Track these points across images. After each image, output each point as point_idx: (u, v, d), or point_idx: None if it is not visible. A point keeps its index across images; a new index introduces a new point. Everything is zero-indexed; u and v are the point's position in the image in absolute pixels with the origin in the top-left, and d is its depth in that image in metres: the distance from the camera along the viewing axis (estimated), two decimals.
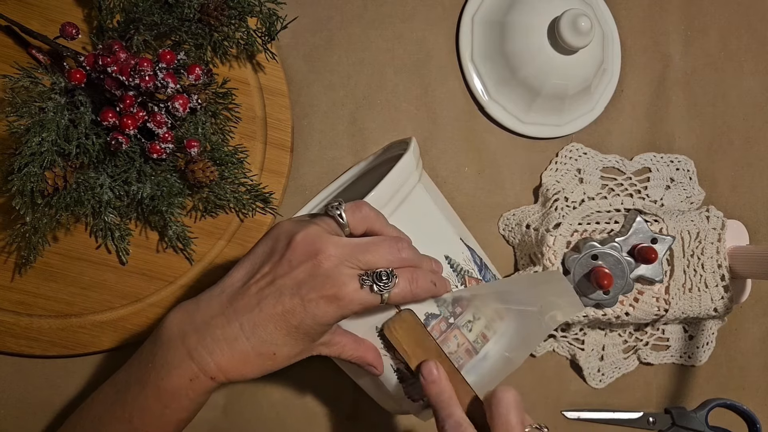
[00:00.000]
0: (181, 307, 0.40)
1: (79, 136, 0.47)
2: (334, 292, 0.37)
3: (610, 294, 0.57)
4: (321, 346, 0.41)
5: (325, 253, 0.37)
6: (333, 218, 0.39)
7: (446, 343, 0.45)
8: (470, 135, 0.62)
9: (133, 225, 0.53)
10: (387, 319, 0.43)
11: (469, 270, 0.47)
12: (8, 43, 0.51)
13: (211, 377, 0.38)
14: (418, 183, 0.45)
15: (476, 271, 0.47)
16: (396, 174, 0.43)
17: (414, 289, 0.39)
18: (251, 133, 0.55)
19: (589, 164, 0.63)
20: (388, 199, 0.43)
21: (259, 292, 0.38)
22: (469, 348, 0.46)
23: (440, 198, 0.49)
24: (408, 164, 0.44)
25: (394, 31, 0.61)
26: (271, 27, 0.52)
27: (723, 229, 0.61)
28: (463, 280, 0.46)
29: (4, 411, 0.53)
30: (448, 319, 0.45)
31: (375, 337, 0.45)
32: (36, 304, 0.52)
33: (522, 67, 0.59)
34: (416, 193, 0.45)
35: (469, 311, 0.45)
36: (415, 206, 0.45)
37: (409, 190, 0.44)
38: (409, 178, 0.44)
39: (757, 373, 0.68)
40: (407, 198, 0.44)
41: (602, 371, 0.63)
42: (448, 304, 0.45)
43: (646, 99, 0.66)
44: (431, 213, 0.46)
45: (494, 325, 0.47)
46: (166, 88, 0.47)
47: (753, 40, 0.70)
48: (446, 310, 0.45)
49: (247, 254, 0.40)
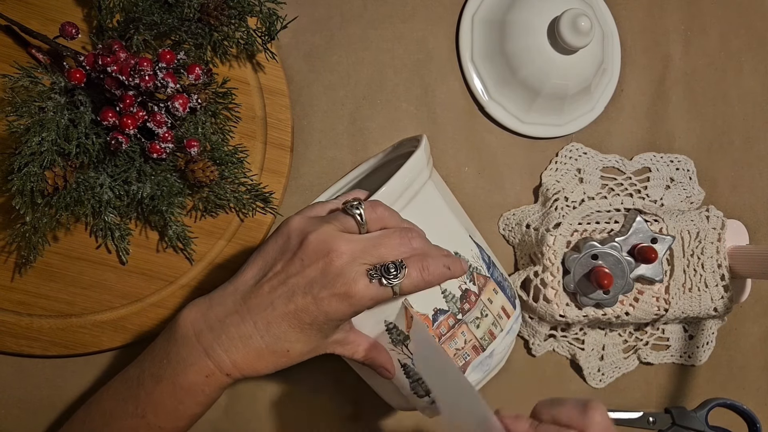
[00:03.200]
0: (194, 304, 0.40)
1: (79, 136, 0.47)
2: (345, 290, 0.37)
3: (610, 294, 0.57)
4: (335, 345, 0.42)
5: (337, 251, 0.37)
6: (352, 217, 0.39)
7: (454, 339, 0.45)
8: (470, 135, 0.62)
9: (133, 225, 0.53)
10: (395, 313, 0.44)
11: (478, 267, 0.47)
12: (8, 42, 0.51)
13: (227, 374, 0.39)
14: (429, 180, 0.46)
15: (485, 269, 0.47)
16: (407, 170, 0.43)
17: (426, 276, 0.39)
18: (251, 133, 0.55)
19: (589, 164, 0.63)
20: (398, 195, 0.43)
21: (272, 291, 0.38)
22: (476, 345, 0.46)
23: (450, 196, 0.49)
24: (419, 161, 0.44)
25: (394, 31, 0.61)
26: (271, 27, 0.52)
27: (723, 228, 0.61)
28: (472, 276, 0.46)
29: (4, 411, 0.53)
30: (456, 315, 0.45)
31: (383, 332, 0.45)
32: (36, 303, 0.52)
33: (522, 67, 0.59)
34: (426, 190, 0.45)
35: (477, 308, 0.46)
36: (425, 203, 0.45)
37: (419, 186, 0.44)
38: (419, 174, 0.45)
39: (757, 373, 0.68)
40: (417, 195, 0.44)
41: (602, 371, 0.63)
42: (456, 299, 0.45)
43: (646, 99, 0.66)
44: (441, 210, 0.47)
45: (502, 322, 0.47)
46: (166, 87, 0.47)
47: (753, 40, 0.70)
48: (454, 306, 0.45)
49: (258, 251, 0.41)
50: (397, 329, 0.44)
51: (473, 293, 0.46)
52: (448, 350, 0.46)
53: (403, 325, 0.44)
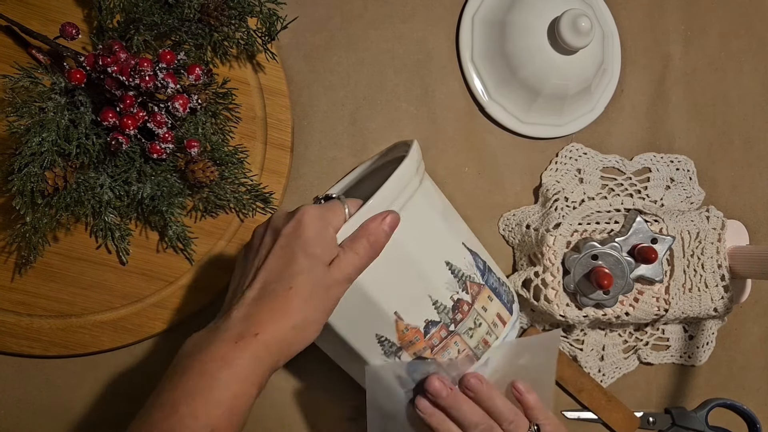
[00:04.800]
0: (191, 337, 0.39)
1: (79, 136, 0.47)
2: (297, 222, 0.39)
3: (610, 294, 0.57)
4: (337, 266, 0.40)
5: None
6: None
7: (447, 350, 0.45)
8: (470, 135, 0.62)
9: (134, 225, 0.53)
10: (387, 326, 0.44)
11: (471, 275, 0.46)
12: (8, 43, 0.51)
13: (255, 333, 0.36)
14: (419, 189, 0.45)
15: (479, 276, 0.47)
16: (394, 181, 0.43)
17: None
18: (251, 133, 0.55)
19: (589, 164, 0.63)
20: (388, 205, 0.43)
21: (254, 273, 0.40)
22: (470, 354, 0.46)
23: (442, 202, 0.49)
24: (407, 170, 0.44)
25: (394, 31, 0.61)
26: (271, 27, 0.52)
27: (723, 229, 0.61)
28: (465, 285, 0.46)
29: (4, 411, 0.53)
30: (448, 326, 0.45)
31: (375, 344, 0.45)
32: (36, 304, 0.52)
33: (522, 67, 0.59)
34: (416, 200, 0.45)
35: (470, 317, 0.45)
36: (416, 212, 0.44)
37: (408, 196, 0.44)
38: (408, 184, 0.44)
39: (757, 373, 0.68)
40: (407, 204, 0.44)
41: (602, 371, 0.63)
42: (448, 310, 0.45)
43: (646, 99, 0.67)
44: (432, 218, 0.46)
45: (497, 330, 0.47)
46: (166, 88, 0.47)
47: (753, 40, 0.70)
48: (446, 316, 0.45)
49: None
50: (388, 341, 0.45)
51: (466, 303, 0.45)
52: (440, 360, 0.45)
53: (394, 338, 0.44)
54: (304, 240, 0.39)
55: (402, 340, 0.44)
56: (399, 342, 0.44)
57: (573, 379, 0.61)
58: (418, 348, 0.45)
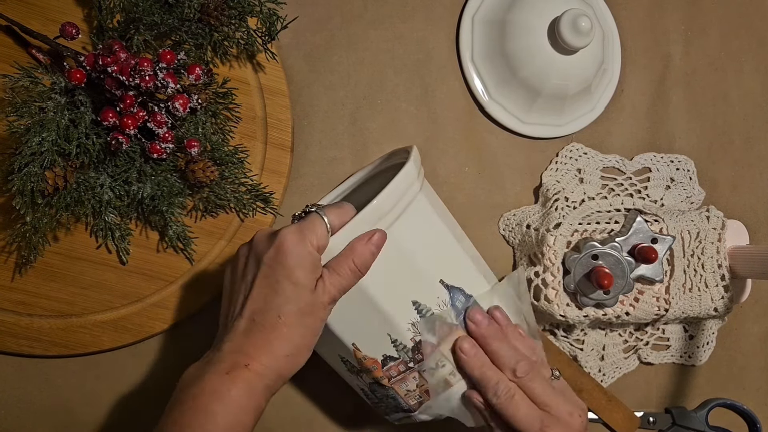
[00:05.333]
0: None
1: (79, 136, 0.47)
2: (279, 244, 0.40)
3: (611, 294, 0.57)
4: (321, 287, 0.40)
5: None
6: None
7: (404, 382, 0.45)
8: (470, 135, 0.62)
9: (134, 225, 0.53)
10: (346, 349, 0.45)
11: (443, 315, 0.45)
12: (8, 43, 0.51)
13: (245, 364, 0.38)
14: (402, 216, 0.43)
15: (452, 316, 0.45)
16: (384, 197, 0.42)
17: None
18: (251, 133, 0.55)
19: (589, 164, 0.63)
20: (383, 215, 0.42)
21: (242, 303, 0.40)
22: (429, 390, 0.46)
23: (432, 227, 0.46)
24: (401, 183, 0.43)
25: (394, 31, 0.61)
26: (272, 27, 0.52)
27: (723, 229, 0.61)
28: (432, 326, 0.44)
29: (4, 411, 0.53)
30: (407, 363, 0.45)
31: (340, 362, 0.47)
32: (36, 304, 0.52)
33: (522, 67, 0.59)
34: (398, 228, 0.43)
35: (432, 358, 0.45)
36: (393, 245, 0.42)
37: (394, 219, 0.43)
38: (402, 197, 0.43)
39: (757, 373, 0.68)
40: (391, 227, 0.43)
41: (603, 371, 0.63)
42: (408, 350, 0.44)
43: (646, 99, 0.67)
44: (411, 251, 0.44)
45: (461, 372, 0.46)
46: (167, 88, 0.47)
47: (753, 40, 0.70)
48: (405, 355, 0.44)
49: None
50: (350, 363, 0.46)
51: (430, 344, 0.44)
52: (398, 390, 0.45)
53: (354, 362, 0.45)
54: (286, 267, 0.39)
55: (361, 365, 0.45)
56: (359, 366, 0.45)
57: (573, 379, 0.60)
58: (376, 376, 0.45)
